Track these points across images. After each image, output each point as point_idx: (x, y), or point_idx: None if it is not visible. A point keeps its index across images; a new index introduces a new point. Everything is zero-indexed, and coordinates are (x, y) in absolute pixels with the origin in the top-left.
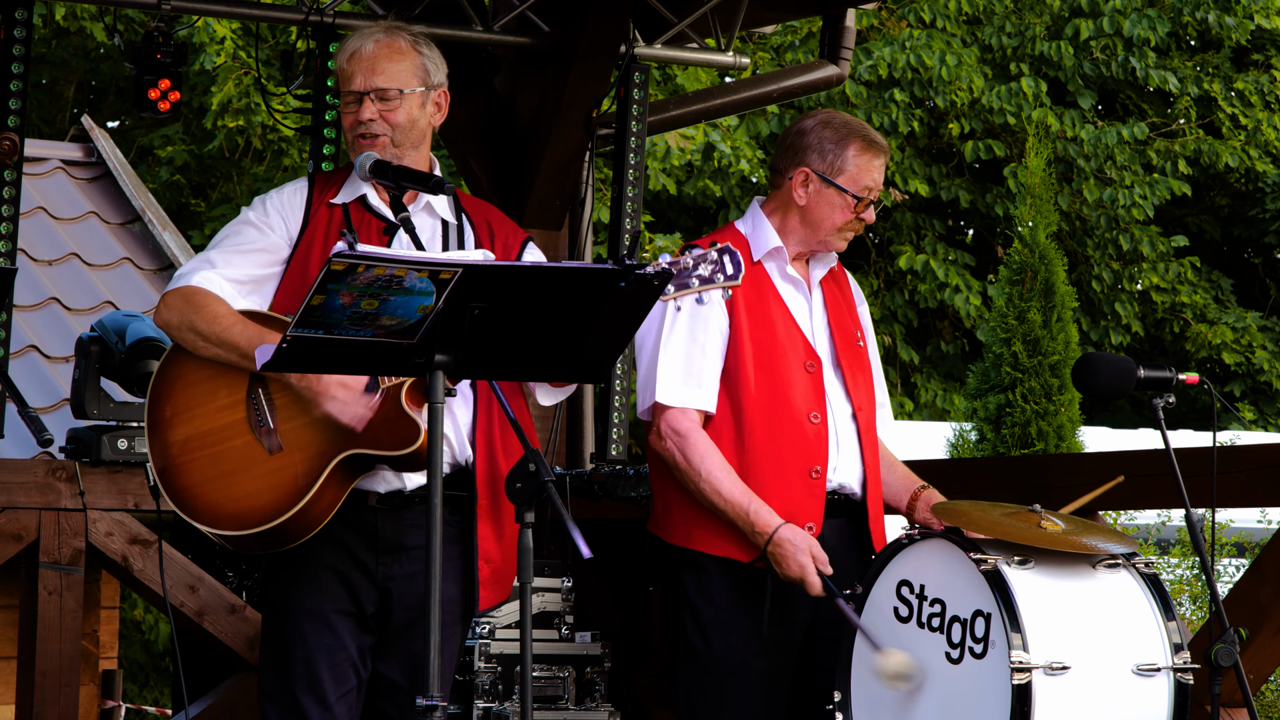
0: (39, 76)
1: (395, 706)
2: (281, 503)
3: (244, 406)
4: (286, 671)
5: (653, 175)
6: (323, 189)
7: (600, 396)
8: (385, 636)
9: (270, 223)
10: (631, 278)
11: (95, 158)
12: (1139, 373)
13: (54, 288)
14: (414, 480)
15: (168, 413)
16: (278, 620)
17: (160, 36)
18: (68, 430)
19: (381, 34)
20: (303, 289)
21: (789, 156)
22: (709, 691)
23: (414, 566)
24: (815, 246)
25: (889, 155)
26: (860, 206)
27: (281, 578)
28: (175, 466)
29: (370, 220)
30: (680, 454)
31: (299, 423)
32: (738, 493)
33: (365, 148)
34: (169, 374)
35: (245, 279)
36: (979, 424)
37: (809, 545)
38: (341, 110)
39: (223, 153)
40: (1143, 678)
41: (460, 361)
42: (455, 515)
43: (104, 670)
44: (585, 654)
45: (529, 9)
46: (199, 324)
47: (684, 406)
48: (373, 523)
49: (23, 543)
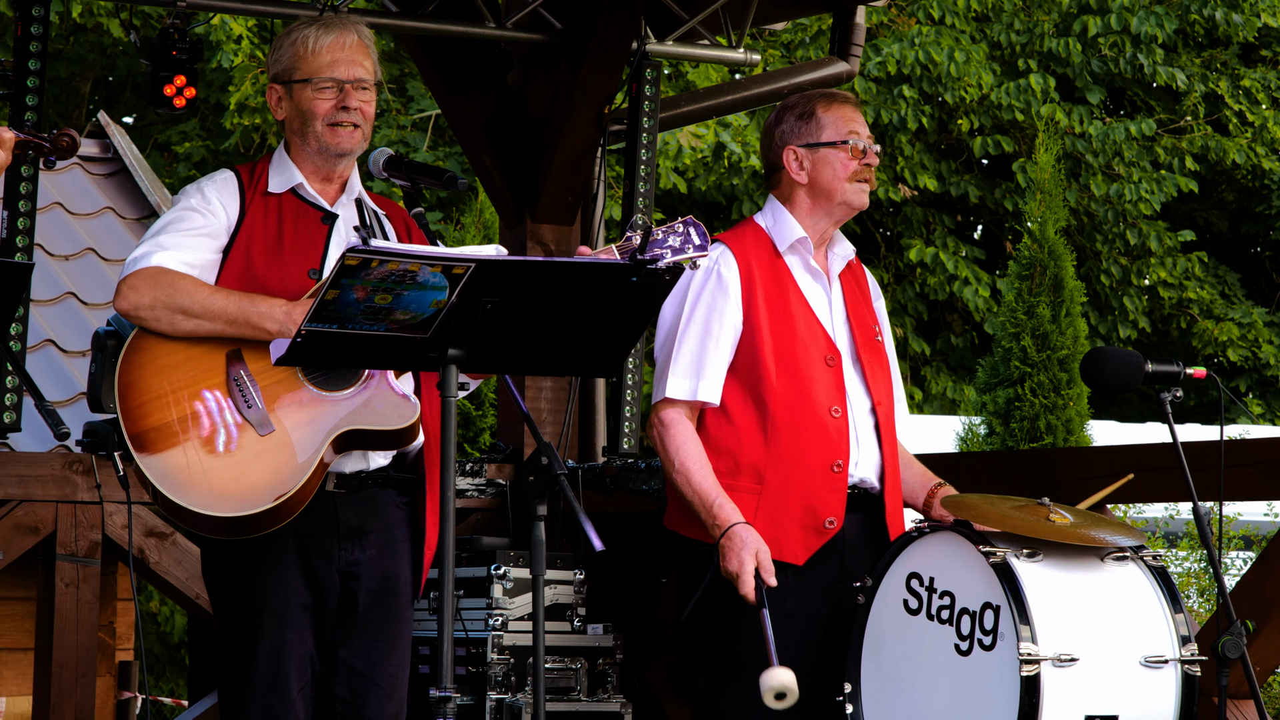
0: (56, 72)
1: (345, 687)
2: (284, 480)
3: (225, 386)
4: (251, 669)
5: (663, 174)
6: (250, 179)
7: (612, 390)
8: (344, 621)
9: (212, 208)
10: (643, 273)
11: (112, 153)
12: (1147, 367)
13: (71, 282)
14: (375, 460)
15: (142, 399)
16: (241, 617)
17: (176, 33)
18: (84, 424)
19: (353, 27)
20: (247, 277)
21: (773, 149)
22: (727, 683)
23: (375, 550)
24: (837, 212)
25: (857, 104)
26: (857, 151)
27: (236, 570)
28: (159, 453)
29: (307, 210)
30: (661, 442)
31: (287, 400)
32: (707, 485)
33: (341, 137)
34: (136, 360)
35: (196, 263)
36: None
37: (757, 549)
38: (308, 97)
39: (239, 149)
40: (1150, 669)
41: (473, 356)
42: (403, 497)
43: (120, 661)
44: (597, 646)
45: (541, 6)
46: (177, 298)
47: (681, 399)
48: (333, 509)
49: (40, 535)
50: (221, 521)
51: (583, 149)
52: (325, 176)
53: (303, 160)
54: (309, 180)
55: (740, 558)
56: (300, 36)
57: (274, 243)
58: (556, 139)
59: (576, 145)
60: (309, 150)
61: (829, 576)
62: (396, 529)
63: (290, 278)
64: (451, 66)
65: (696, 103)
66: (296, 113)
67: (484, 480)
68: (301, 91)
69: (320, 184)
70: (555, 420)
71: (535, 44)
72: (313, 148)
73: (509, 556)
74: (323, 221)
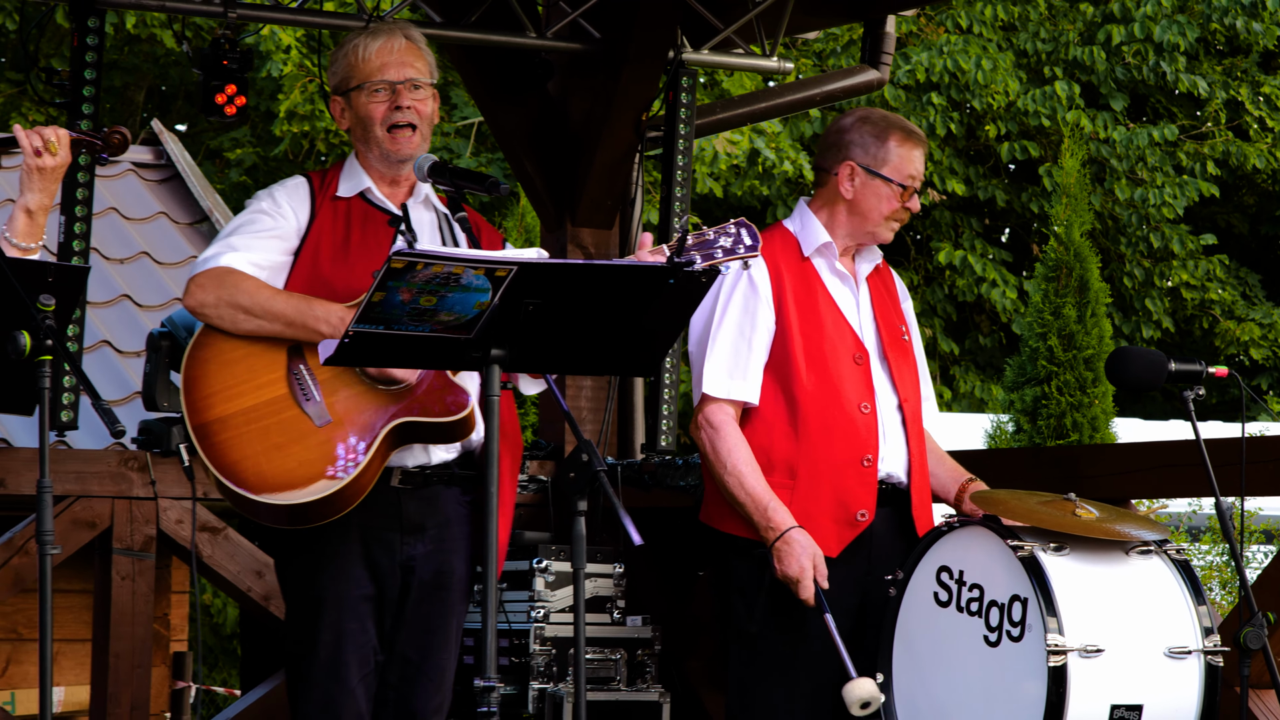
0: (111, 82)
1: (396, 674)
2: (339, 471)
3: (286, 381)
4: (312, 658)
5: (699, 179)
6: (322, 184)
7: (650, 389)
8: (398, 612)
9: (283, 212)
10: (680, 275)
11: (165, 160)
12: (1170, 366)
13: (125, 285)
14: (438, 455)
15: (206, 392)
16: (303, 607)
17: (227, 43)
18: (139, 422)
19: (400, 31)
20: (315, 279)
21: (833, 153)
22: (758, 674)
23: (432, 545)
24: (863, 238)
25: (927, 146)
26: (905, 195)
27: (300, 561)
28: (222, 444)
29: (374, 213)
30: (710, 445)
31: (345, 394)
32: (760, 489)
33: (399, 139)
34: (201, 355)
35: (266, 264)
36: (1016, 415)
37: (814, 553)
38: (364, 103)
39: (288, 156)
40: (1174, 660)
41: (515, 355)
42: (467, 495)
43: (175, 652)
44: (636, 637)
45: (580, 16)
46: (239, 298)
47: (724, 399)
48: (396, 503)
49: (97, 530)
50: (282, 509)
51: (621, 155)
52: (392, 180)
53: (370, 166)
54: (377, 184)
55: (800, 563)
56: (351, 46)
57: (341, 245)
58: (596, 145)
59: (615, 151)
60: (373, 156)
61: (859, 569)
62: (455, 525)
63: (355, 279)
64: (494, 75)
65: (731, 110)
66: (357, 120)
67: (526, 477)
68: (358, 98)
69: (388, 188)
70: (595, 418)
71: (575, 53)
72: (375, 154)
73: (550, 550)
74: (389, 224)
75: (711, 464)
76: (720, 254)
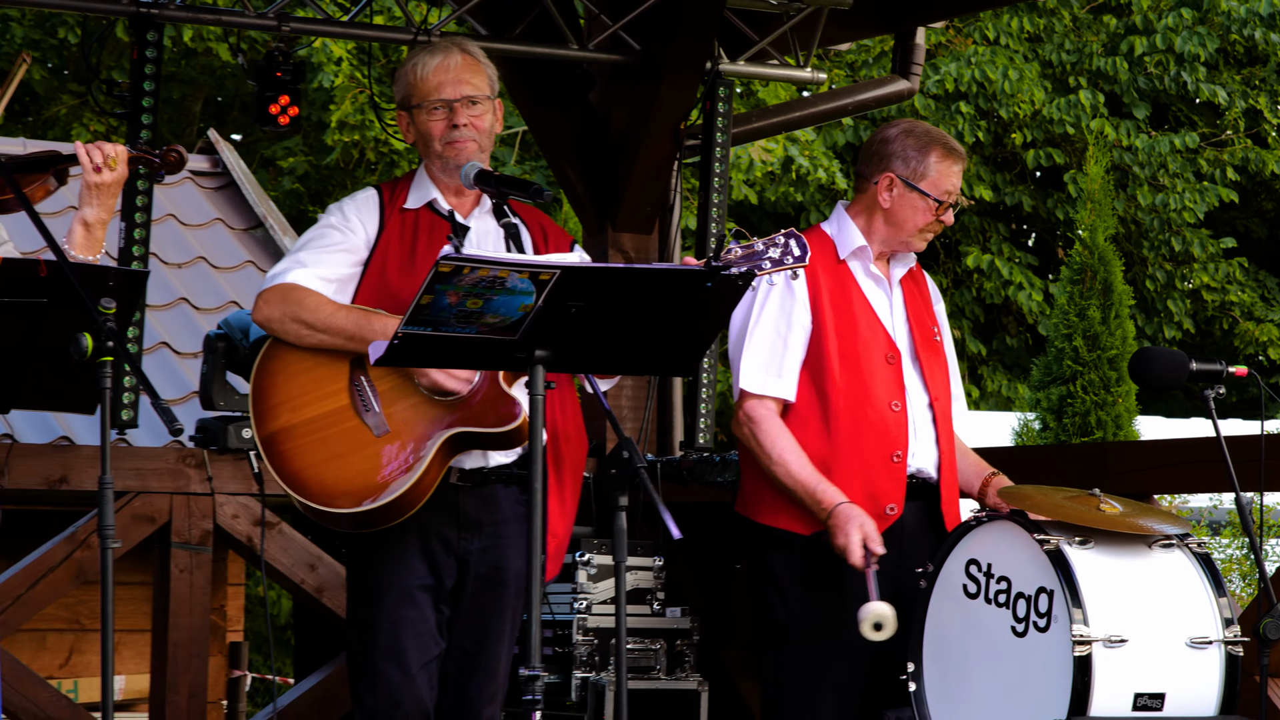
0: (169, 93)
1: (454, 664)
2: (394, 480)
3: (347, 393)
4: (371, 644)
5: (735, 186)
6: (391, 196)
7: (689, 388)
8: (456, 605)
9: (351, 225)
10: (718, 278)
11: (221, 168)
12: (1191, 366)
13: (183, 289)
14: (495, 458)
15: (273, 402)
16: (363, 596)
17: (280, 56)
18: (196, 420)
19: (456, 48)
20: (382, 289)
21: (874, 162)
22: (793, 664)
23: (489, 541)
24: (897, 246)
25: (966, 162)
26: (940, 209)
27: (363, 556)
28: (286, 452)
29: (440, 223)
30: (754, 438)
31: (403, 405)
32: (807, 473)
33: (456, 153)
34: (269, 367)
35: (333, 277)
36: (1042, 414)
37: (863, 522)
38: (424, 120)
39: (339, 164)
40: (1195, 650)
41: (559, 356)
42: (524, 495)
43: (231, 642)
44: (675, 628)
45: (621, 28)
46: (302, 314)
47: (762, 394)
48: (455, 500)
49: (156, 524)
50: (346, 517)
51: (660, 162)
52: (457, 191)
53: (435, 178)
54: (443, 195)
55: (847, 531)
56: (411, 65)
57: (408, 255)
58: (636, 153)
59: (654, 159)
60: (436, 169)
61: (889, 561)
62: (512, 523)
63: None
64: (538, 86)
65: (766, 119)
66: (419, 135)
67: None
68: (418, 116)
69: (454, 199)
70: (635, 416)
71: (616, 64)
72: (437, 165)
73: (592, 544)
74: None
75: (757, 456)
76: (769, 264)
